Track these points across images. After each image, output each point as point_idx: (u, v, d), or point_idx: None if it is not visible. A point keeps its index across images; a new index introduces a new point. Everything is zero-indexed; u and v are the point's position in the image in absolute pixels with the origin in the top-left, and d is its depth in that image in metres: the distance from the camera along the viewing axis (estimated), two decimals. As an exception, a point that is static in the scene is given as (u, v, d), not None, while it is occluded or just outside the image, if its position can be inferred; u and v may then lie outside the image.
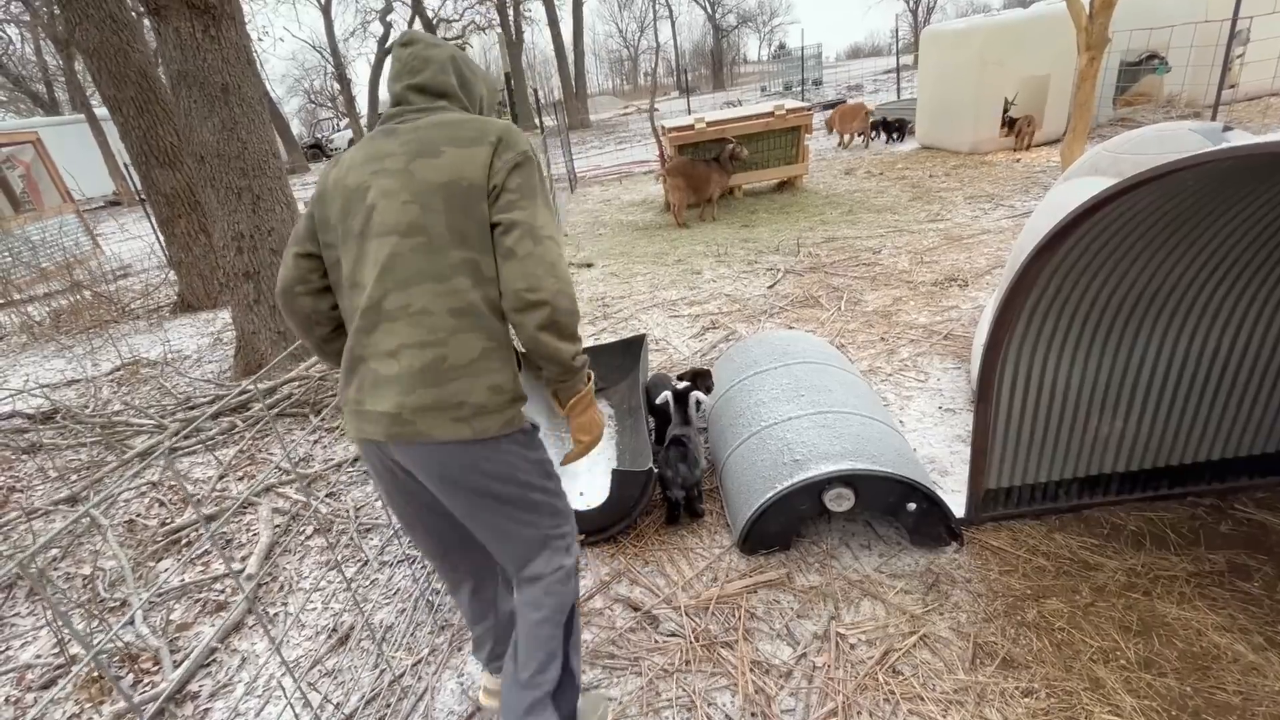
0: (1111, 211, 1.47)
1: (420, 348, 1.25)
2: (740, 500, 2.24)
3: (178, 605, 2.43)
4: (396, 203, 1.26)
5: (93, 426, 3.73)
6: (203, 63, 3.61)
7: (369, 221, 1.28)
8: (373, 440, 1.31)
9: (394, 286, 1.26)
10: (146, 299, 6.61)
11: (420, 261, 1.25)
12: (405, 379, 1.25)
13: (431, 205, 1.25)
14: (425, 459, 1.30)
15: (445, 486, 1.34)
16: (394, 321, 1.26)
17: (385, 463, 1.37)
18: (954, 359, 3.33)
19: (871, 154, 9.60)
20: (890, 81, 18.95)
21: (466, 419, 1.26)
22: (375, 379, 1.28)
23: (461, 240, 1.26)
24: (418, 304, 1.25)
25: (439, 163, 1.26)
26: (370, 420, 1.28)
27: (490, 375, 1.29)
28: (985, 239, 5.01)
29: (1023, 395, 1.96)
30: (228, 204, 3.85)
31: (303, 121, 40.90)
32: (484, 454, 1.31)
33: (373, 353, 1.28)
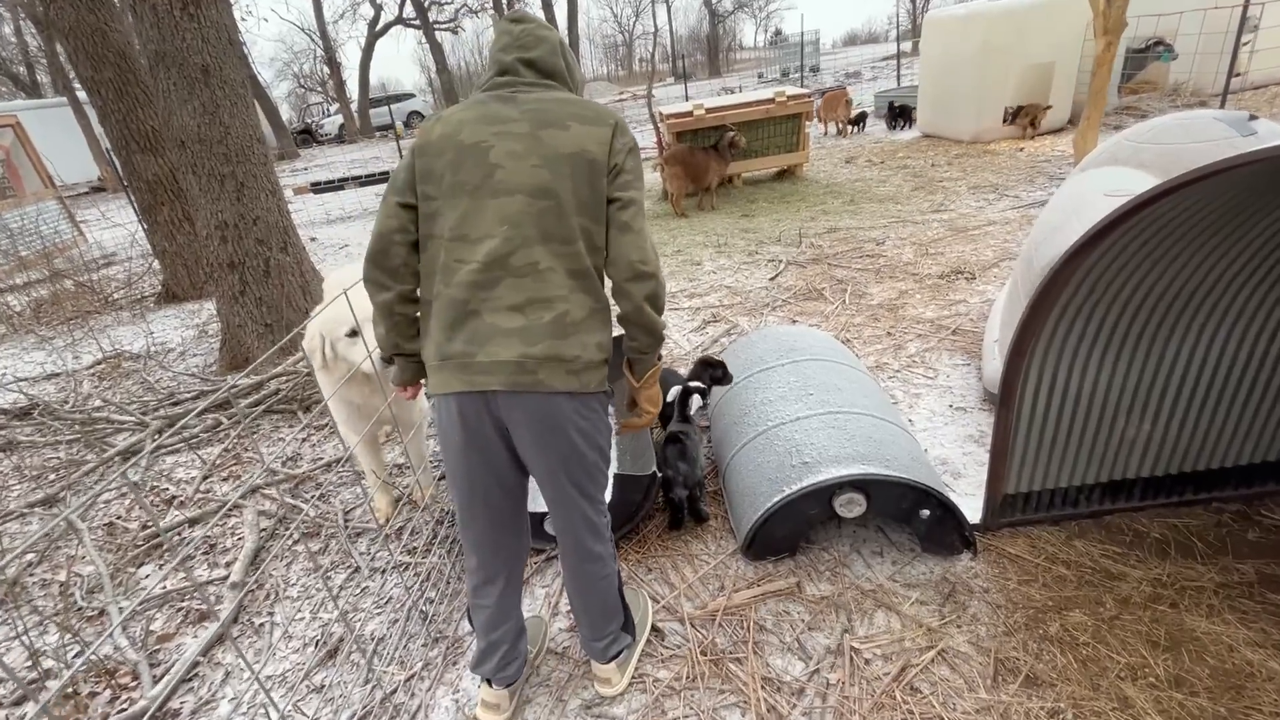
0: (1154, 212, 1.37)
1: (547, 303, 1.35)
2: (745, 504, 2.15)
3: (159, 614, 2.32)
4: (525, 165, 1.35)
5: (72, 423, 3.59)
6: (181, 43, 3.44)
7: (490, 177, 1.36)
8: (483, 391, 1.35)
9: (522, 244, 1.34)
10: (130, 289, 6.43)
11: (549, 223, 1.35)
12: (532, 331, 1.34)
13: (560, 171, 1.35)
14: (535, 408, 1.37)
15: (544, 438, 1.41)
16: (522, 277, 1.34)
17: (480, 419, 1.39)
18: (963, 355, 3.24)
19: (872, 142, 9.46)
20: (889, 68, 18.75)
21: (578, 372, 1.37)
22: (493, 331, 1.34)
23: (581, 208, 1.37)
24: (545, 262, 1.35)
25: (566, 135, 1.36)
26: (485, 371, 1.34)
27: (597, 333, 1.40)
28: (991, 230, 4.90)
29: (1046, 399, 1.86)
30: (210, 191, 3.70)
31: (292, 106, 40.27)
32: (583, 409, 1.42)
33: (494, 306, 1.35)
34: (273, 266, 3.93)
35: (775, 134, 7.16)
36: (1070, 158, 6.55)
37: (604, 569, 1.64)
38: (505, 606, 1.66)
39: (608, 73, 61.11)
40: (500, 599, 1.65)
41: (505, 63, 1.46)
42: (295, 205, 10.75)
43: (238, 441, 3.25)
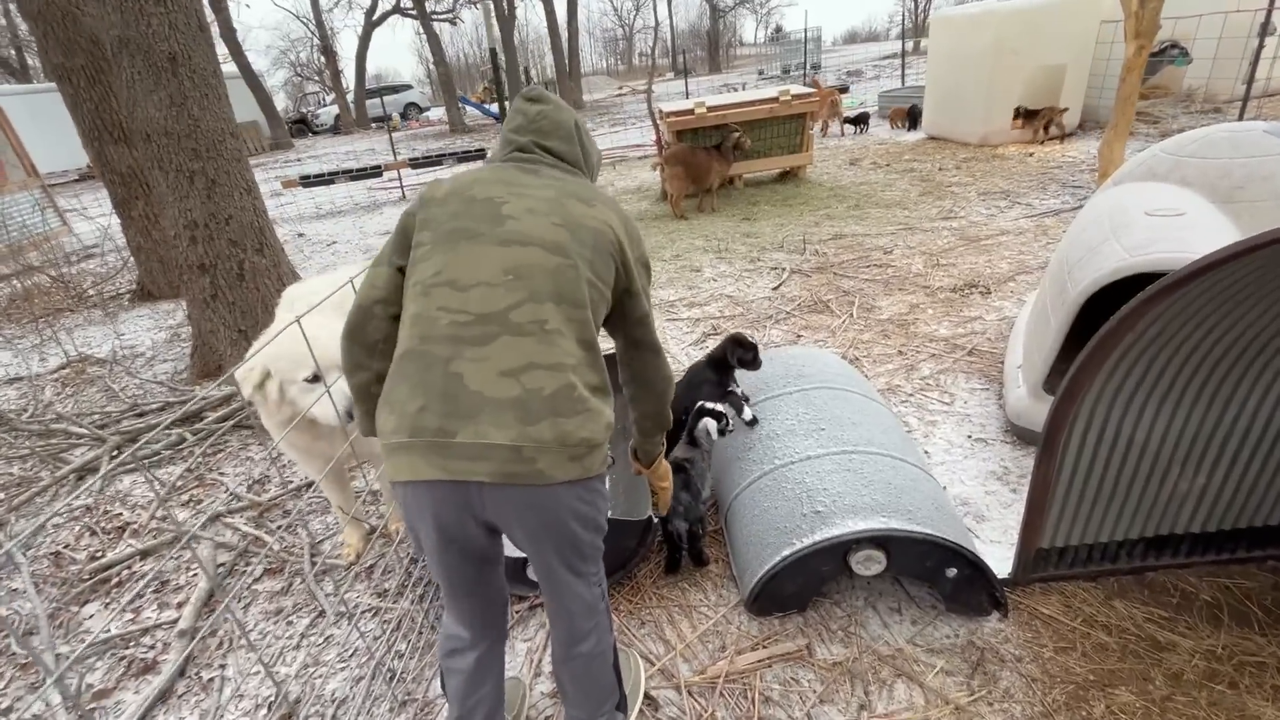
0: (1247, 262, 1.15)
1: (552, 371, 1.12)
2: (750, 553, 1.94)
3: (99, 663, 2.10)
4: (545, 221, 1.23)
5: (28, 435, 3.36)
6: (147, 28, 3.20)
7: (499, 225, 1.22)
8: (466, 482, 1.09)
9: (529, 298, 1.16)
10: (106, 285, 6.18)
11: (564, 282, 1.19)
12: (532, 405, 1.10)
13: (581, 238, 1.23)
14: (531, 502, 1.14)
15: (539, 532, 1.20)
16: (523, 336, 1.13)
17: (461, 518, 1.14)
18: (981, 378, 3.03)
19: (876, 143, 9.24)
20: (891, 67, 18.52)
21: (581, 457, 1.14)
22: (479, 404, 1.09)
23: (595, 281, 1.24)
24: (554, 323, 1.16)
25: (590, 210, 1.27)
26: (468, 456, 1.07)
27: (605, 411, 1.20)
28: (1004, 241, 4.69)
29: (1094, 448, 1.65)
30: (178, 188, 3.46)
31: (289, 95, 39.78)
32: (585, 493, 1.20)
33: (482, 369, 1.11)
34: (247, 269, 3.69)
35: (779, 134, 6.93)
36: (1085, 165, 6.35)
37: (597, 645, 1.41)
38: (483, 670, 1.45)
39: (607, 67, 60.70)
40: (479, 661, 1.44)
41: (522, 144, 1.39)
42: (284, 199, 10.50)
43: (202, 460, 3.02)
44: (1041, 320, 2.60)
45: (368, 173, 9.28)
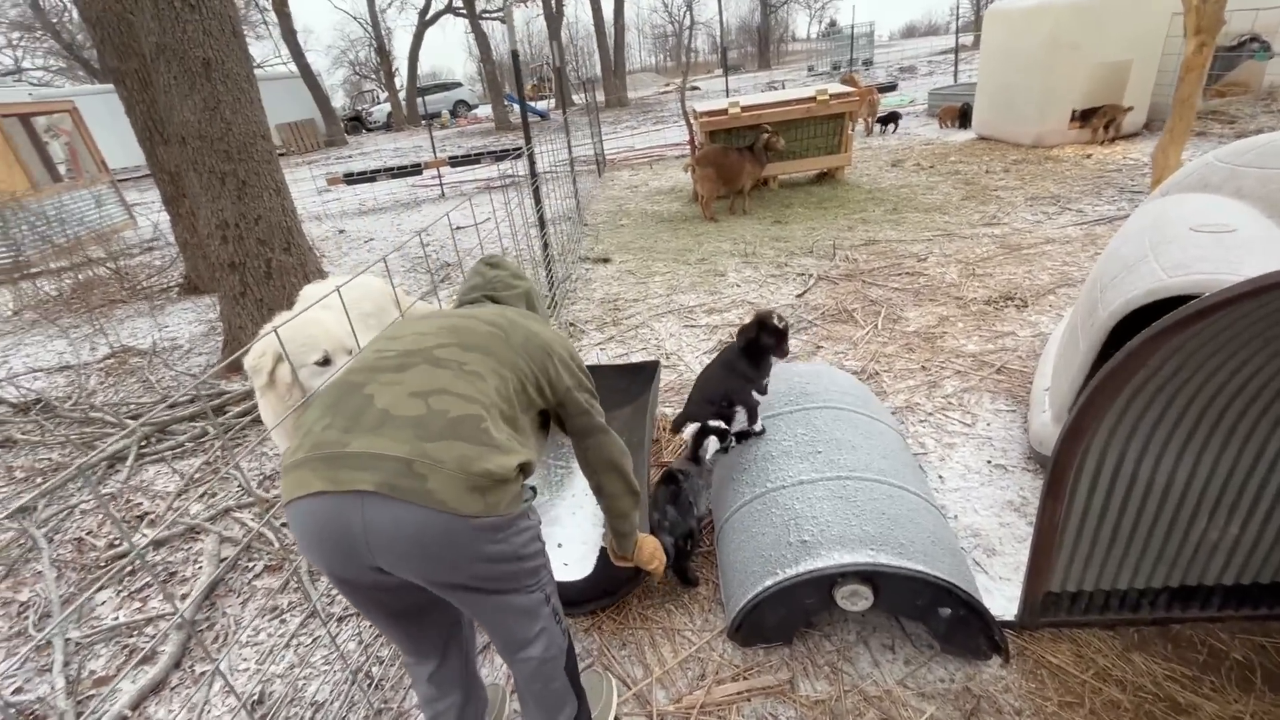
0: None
1: (463, 399, 1.12)
2: (735, 580, 1.86)
3: (104, 650, 2.18)
4: (490, 314, 1.38)
5: (69, 422, 3.54)
6: (182, 34, 3.31)
7: (446, 319, 1.33)
8: (349, 491, 1.01)
9: (456, 344, 1.23)
10: (159, 277, 6.49)
11: (492, 344, 1.28)
12: (434, 423, 1.07)
13: (514, 332, 1.34)
14: (416, 523, 1.02)
15: (428, 564, 1.08)
16: (441, 368, 1.16)
17: (347, 535, 1.03)
18: (1007, 399, 2.86)
19: (922, 143, 8.89)
20: (947, 63, 17.83)
21: (484, 490, 1.06)
22: (380, 419, 1.06)
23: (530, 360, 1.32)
24: (474, 367, 1.20)
25: (533, 325, 1.41)
26: (356, 465, 1.02)
27: (517, 451, 1.14)
28: (1049, 250, 4.43)
29: (1107, 490, 1.51)
30: (211, 189, 3.58)
31: (346, 93, 41.18)
32: (495, 536, 1.11)
33: (392, 390, 1.11)
34: (274, 268, 3.80)
35: (816, 134, 6.74)
36: (1147, 168, 5.94)
37: (546, 650, 1.33)
38: (442, 683, 1.43)
39: (655, 64, 60.56)
40: (432, 676, 1.42)
41: (474, 298, 1.57)
42: (330, 195, 10.85)
43: (220, 454, 3.12)
44: (1072, 341, 2.42)
45: (408, 171, 9.48)
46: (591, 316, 4.35)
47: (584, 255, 5.71)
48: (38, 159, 10.09)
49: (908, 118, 11.21)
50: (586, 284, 5.02)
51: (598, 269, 5.35)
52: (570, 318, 4.36)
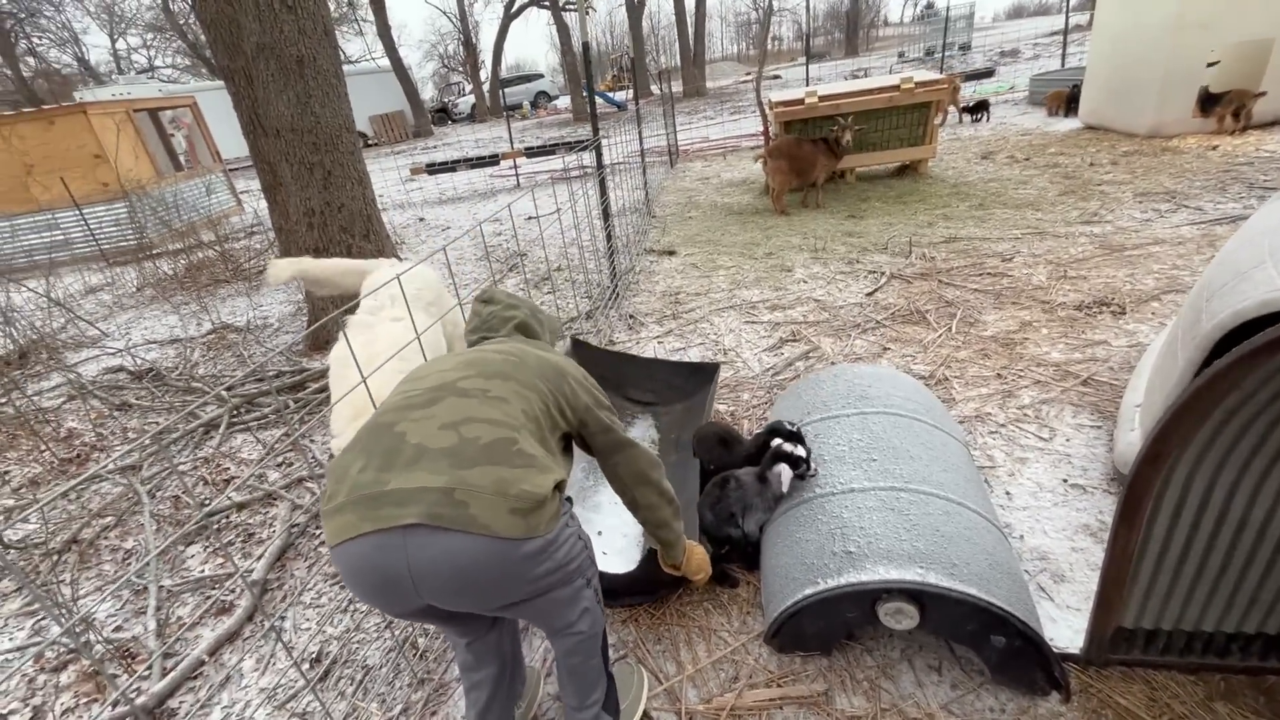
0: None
1: (491, 424, 1.16)
2: (775, 585, 1.82)
3: (190, 599, 2.40)
4: (496, 348, 1.43)
5: (175, 391, 3.90)
6: (280, 34, 3.54)
7: (460, 354, 1.41)
8: (393, 528, 1.03)
9: (478, 375, 1.28)
10: (257, 260, 7.03)
11: (510, 369, 1.33)
12: (467, 451, 1.10)
13: (527, 358, 1.40)
14: (460, 551, 1.04)
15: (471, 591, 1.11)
16: (466, 398, 1.21)
17: (393, 569, 1.06)
18: (1093, 414, 2.63)
19: (1019, 133, 8.28)
20: (1056, 46, 16.48)
21: (525, 512, 1.08)
22: (416, 454, 1.09)
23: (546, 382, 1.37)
24: (498, 392, 1.25)
25: (546, 354, 1.47)
26: (396, 501, 1.04)
27: (552, 470, 1.18)
28: (1157, 251, 4.03)
29: (1193, 522, 1.37)
30: (300, 179, 3.83)
31: (435, 85, 42.93)
32: (539, 556, 1.14)
33: (421, 425, 1.15)
34: (354, 254, 4.02)
35: (898, 125, 6.41)
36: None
37: (589, 628, 1.41)
38: (479, 656, 1.50)
39: (738, 52, 59.43)
40: (470, 648, 1.50)
41: (474, 340, 1.62)
42: (414, 184, 11.36)
43: (299, 426, 3.35)
44: (1170, 354, 2.19)
45: (486, 161, 9.78)
46: (652, 309, 4.35)
47: (649, 247, 5.70)
48: (162, 149, 11.12)
49: (1005, 106, 10.47)
50: (649, 276, 5.01)
51: (662, 261, 5.34)
52: (630, 310, 4.37)
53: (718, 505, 2.03)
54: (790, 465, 1.94)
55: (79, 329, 5.55)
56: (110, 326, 5.75)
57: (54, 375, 4.56)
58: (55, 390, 4.33)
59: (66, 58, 28.74)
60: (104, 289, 7.32)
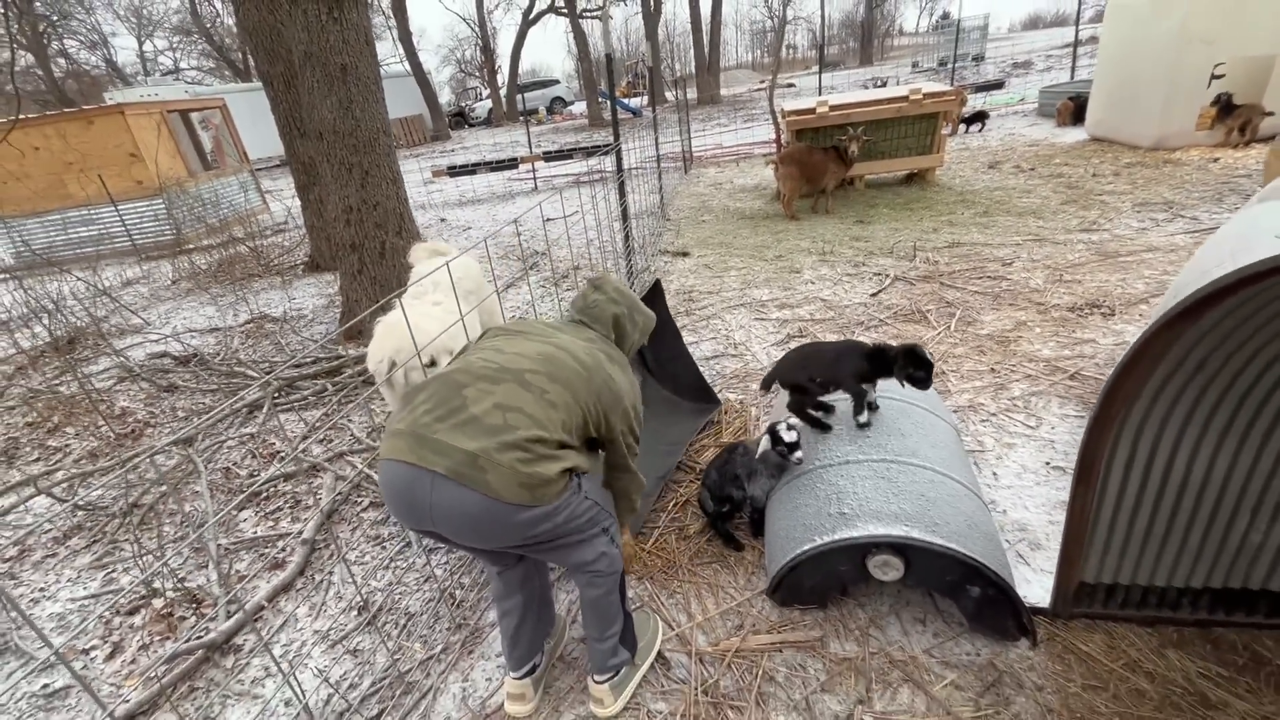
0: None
1: (533, 421, 1.37)
2: (777, 545, 2.03)
3: (246, 555, 2.65)
4: (582, 349, 1.58)
5: (219, 374, 4.17)
6: (325, 43, 3.81)
7: (549, 339, 1.58)
8: (426, 469, 1.31)
9: (544, 372, 1.46)
10: (287, 256, 7.33)
11: (577, 383, 1.49)
12: (503, 434, 1.33)
13: (600, 375, 1.55)
14: (476, 512, 1.32)
15: (479, 538, 1.41)
16: (527, 390, 1.41)
17: (417, 496, 1.35)
18: (1077, 404, 2.83)
19: (1026, 144, 8.46)
20: (1068, 59, 16.60)
21: (533, 487, 1.34)
22: (467, 420, 1.34)
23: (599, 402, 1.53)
24: (554, 397, 1.43)
25: (613, 369, 1.61)
26: (435, 449, 1.31)
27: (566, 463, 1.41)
28: (1150, 258, 4.21)
29: (1140, 482, 1.57)
30: (340, 178, 4.09)
31: (453, 90, 43.54)
32: (541, 518, 1.39)
33: (485, 398, 1.38)
34: (388, 249, 4.28)
35: (907, 134, 6.62)
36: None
37: (607, 567, 1.64)
38: (509, 584, 1.74)
39: (752, 60, 59.76)
40: (500, 576, 1.74)
41: (576, 318, 1.81)
42: (434, 186, 11.67)
43: (337, 408, 3.60)
44: (1144, 347, 2.39)
45: (505, 165, 10.06)
46: (667, 305, 4.57)
47: (664, 249, 5.94)
48: (193, 149, 11.50)
49: (1014, 117, 10.64)
50: (664, 276, 5.24)
51: (676, 262, 5.57)
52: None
53: (724, 468, 2.25)
54: (773, 444, 2.13)
55: (122, 318, 5.85)
56: (150, 315, 6.05)
57: (102, 359, 4.85)
58: (105, 373, 4.62)
59: (95, 59, 29.53)
60: (140, 281, 7.65)
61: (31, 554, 2.86)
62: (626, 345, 1.85)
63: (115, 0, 28.92)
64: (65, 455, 3.62)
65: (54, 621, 2.44)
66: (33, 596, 2.59)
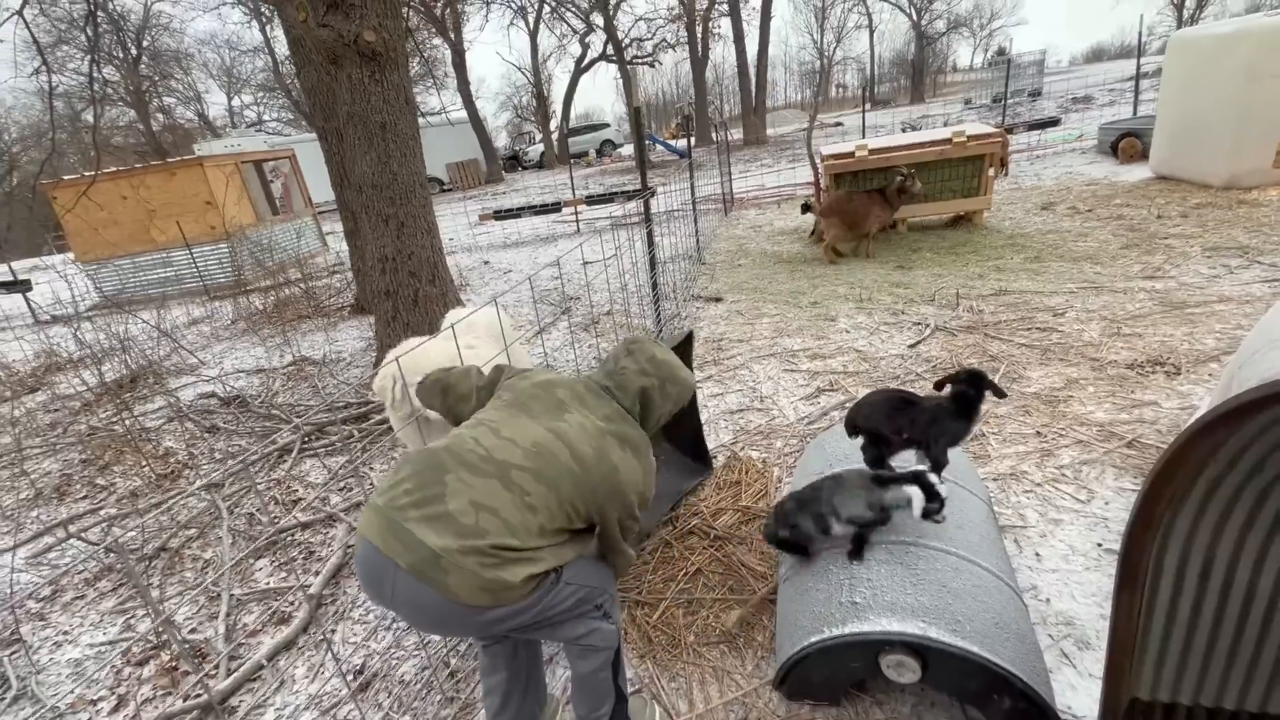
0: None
1: (506, 527, 1.31)
2: (785, 631, 1.88)
3: (255, 607, 2.65)
4: (584, 436, 1.48)
5: (257, 417, 4.31)
6: (366, 103, 4.00)
7: (554, 420, 1.49)
8: (390, 559, 1.27)
9: (530, 469, 1.38)
10: (336, 298, 7.64)
11: (563, 482, 1.40)
12: (471, 538, 1.27)
13: (600, 468, 1.45)
14: (438, 612, 1.29)
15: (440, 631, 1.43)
16: (508, 489, 1.35)
17: (382, 580, 1.30)
18: (1135, 477, 2.56)
19: (1084, 183, 8.08)
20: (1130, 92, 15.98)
21: (492, 593, 1.28)
22: (440, 512, 1.29)
23: (592, 500, 1.44)
24: (535, 500, 1.36)
25: (625, 458, 1.51)
26: (402, 541, 1.27)
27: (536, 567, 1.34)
28: (1221, 310, 3.87)
29: (1196, 590, 1.37)
30: (377, 229, 4.23)
31: (509, 134, 45.49)
32: (501, 619, 1.34)
33: (462, 491, 1.32)
34: (420, 297, 4.38)
35: (951, 177, 6.42)
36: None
37: (600, 642, 1.57)
38: (495, 656, 1.67)
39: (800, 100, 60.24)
40: (488, 649, 1.67)
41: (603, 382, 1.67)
42: (480, 229, 12.06)
43: (360, 454, 3.64)
44: (1208, 419, 2.14)
45: (549, 208, 10.32)
46: (694, 354, 4.49)
47: (697, 293, 5.88)
48: (262, 195, 12.29)
49: (1072, 155, 10.24)
50: (695, 322, 5.17)
51: (708, 308, 5.49)
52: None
53: (806, 500, 1.95)
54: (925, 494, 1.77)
55: (181, 357, 6.18)
56: (207, 355, 6.38)
57: (157, 398, 5.11)
58: (157, 412, 4.85)
59: (189, 113, 32.36)
60: (204, 321, 8.11)
61: (64, 594, 2.95)
62: (652, 419, 1.70)
63: (209, 61, 31.81)
64: (110, 494, 3.78)
65: (70, 668, 2.49)
66: (56, 640, 2.65)
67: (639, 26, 29.33)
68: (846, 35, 48.11)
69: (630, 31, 28.57)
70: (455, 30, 25.20)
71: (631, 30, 28.68)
